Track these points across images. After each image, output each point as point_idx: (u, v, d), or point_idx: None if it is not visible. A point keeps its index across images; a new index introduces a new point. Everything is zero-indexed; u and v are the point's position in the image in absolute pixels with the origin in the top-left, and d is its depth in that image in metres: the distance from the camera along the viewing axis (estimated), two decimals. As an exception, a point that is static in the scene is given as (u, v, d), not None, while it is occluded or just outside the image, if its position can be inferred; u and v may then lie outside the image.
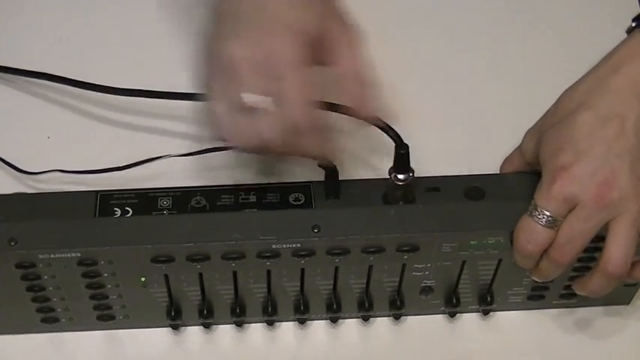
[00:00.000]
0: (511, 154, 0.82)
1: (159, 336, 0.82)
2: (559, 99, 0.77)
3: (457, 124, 0.92)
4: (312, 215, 0.74)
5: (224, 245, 0.73)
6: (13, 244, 0.72)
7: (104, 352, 0.81)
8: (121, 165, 0.83)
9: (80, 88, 0.88)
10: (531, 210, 0.72)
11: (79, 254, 0.73)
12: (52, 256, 0.73)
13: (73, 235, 0.73)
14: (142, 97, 0.85)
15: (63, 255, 0.73)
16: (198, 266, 0.74)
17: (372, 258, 0.75)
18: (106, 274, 0.75)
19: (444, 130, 0.92)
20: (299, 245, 0.73)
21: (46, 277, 0.75)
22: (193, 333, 0.82)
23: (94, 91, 0.87)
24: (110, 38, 0.99)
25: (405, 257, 0.75)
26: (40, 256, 0.73)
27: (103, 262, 0.74)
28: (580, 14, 1.01)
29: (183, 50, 0.97)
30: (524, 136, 0.80)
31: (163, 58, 0.96)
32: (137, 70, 0.94)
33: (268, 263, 0.74)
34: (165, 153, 0.81)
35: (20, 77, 0.93)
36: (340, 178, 0.78)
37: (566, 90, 0.76)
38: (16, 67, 0.92)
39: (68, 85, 0.88)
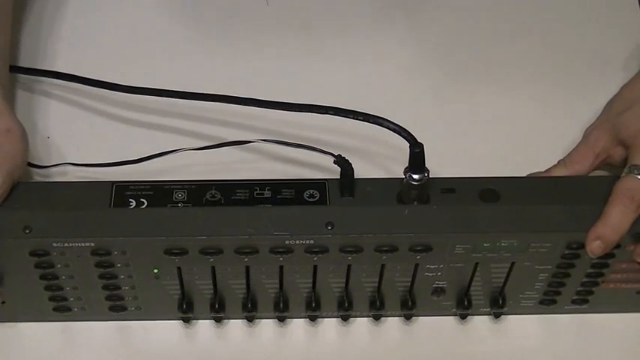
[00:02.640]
0: (572, 156, 0.84)
1: (170, 328, 0.82)
2: (619, 94, 0.85)
3: (473, 126, 0.92)
4: (326, 212, 0.74)
5: (237, 239, 0.73)
6: (27, 231, 0.73)
7: (115, 342, 0.82)
8: (131, 158, 0.82)
9: (94, 86, 0.88)
10: (630, 171, 0.77)
11: (92, 244, 0.73)
12: (66, 245, 0.73)
13: (87, 225, 0.73)
14: (154, 95, 0.85)
15: (77, 244, 0.73)
16: (211, 260, 0.75)
17: (384, 257, 0.75)
18: (119, 265, 0.75)
19: (460, 132, 0.92)
20: (312, 242, 0.73)
21: (59, 265, 0.75)
22: (204, 326, 0.82)
23: (107, 89, 0.87)
24: (119, 36, 0.99)
25: (418, 257, 0.75)
26: (55, 245, 0.73)
27: (116, 253, 0.74)
28: (590, 20, 1.01)
29: (197, 50, 0.98)
30: (590, 134, 0.85)
31: (175, 57, 0.97)
32: (146, 69, 0.95)
33: (281, 259, 0.75)
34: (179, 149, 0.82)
35: (29, 77, 0.93)
36: (355, 177, 0.78)
37: (624, 87, 0.86)
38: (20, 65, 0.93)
39: (80, 83, 0.89)
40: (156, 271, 0.76)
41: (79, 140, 0.90)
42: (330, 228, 0.73)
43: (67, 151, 0.88)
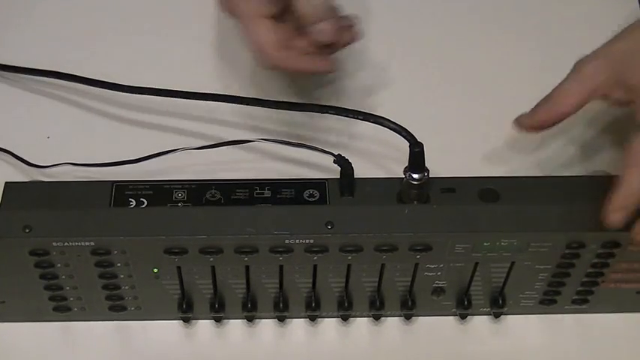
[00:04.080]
0: (561, 90, 0.78)
1: (170, 328, 0.82)
2: (628, 32, 0.77)
3: (474, 125, 0.92)
4: (326, 212, 0.74)
5: (237, 239, 0.73)
6: (27, 231, 0.72)
7: (115, 342, 0.82)
8: (131, 158, 0.83)
9: (92, 85, 0.88)
10: None
11: (92, 243, 0.73)
12: (66, 244, 0.73)
13: (87, 224, 0.73)
14: (154, 95, 0.85)
15: (77, 243, 0.73)
16: (211, 259, 0.75)
17: (384, 257, 0.75)
18: (119, 264, 0.75)
19: (460, 132, 0.92)
20: (312, 241, 0.73)
21: (59, 265, 0.75)
22: (204, 326, 0.82)
23: (107, 89, 0.87)
24: (119, 36, 1.00)
25: (418, 257, 0.75)
26: (54, 244, 0.73)
27: (116, 252, 0.74)
28: (590, 20, 1.02)
29: (197, 50, 0.98)
30: (584, 67, 0.78)
31: (175, 57, 0.97)
32: (147, 69, 0.95)
33: (281, 258, 0.75)
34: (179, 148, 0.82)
35: (29, 76, 0.93)
36: (355, 177, 0.78)
37: (636, 26, 0.77)
38: (20, 65, 0.93)
39: (80, 82, 0.89)
40: (156, 270, 0.76)
41: (79, 140, 0.90)
42: (329, 227, 0.73)
43: (67, 151, 0.87)
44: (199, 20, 1.00)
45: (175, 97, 0.83)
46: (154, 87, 0.84)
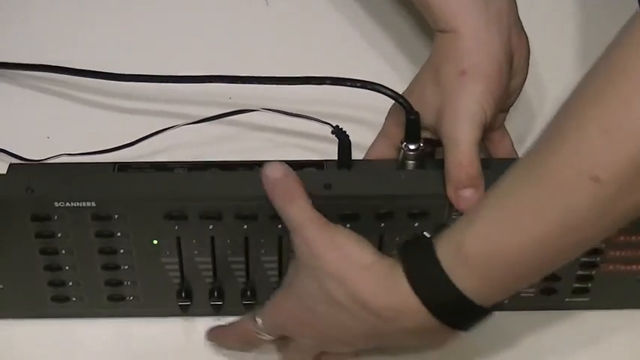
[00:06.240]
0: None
1: (170, 328, 0.82)
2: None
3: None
4: (325, 175, 0.76)
5: (237, 204, 0.74)
6: (30, 192, 0.73)
7: (115, 342, 0.81)
8: (130, 141, 0.83)
9: (80, 76, 0.88)
10: None
11: (94, 204, 0.74)
12: (67, 204, 0.73)
13: (89, 186, 0.74)
14: (148, 82, 0.85)
15: (78, 204, 0.74)
16: (210, 227, 0.75)
17: (383, 225, 0.75)
18: (119, 234, 0.75)
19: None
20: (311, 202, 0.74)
21: (59, 235, 0.75)
22: (204, 324, 0.81)
23: (100, 79, 0.87)
24: (119, 31, 1.01)
25: (416, 224, 0.75)
26: (56, 204, 0.73)
27: (117, 216, 0.74)
28: (589, 20, 1.03)
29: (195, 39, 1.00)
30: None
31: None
32: (138, 57, 0.94)
33: (280, 226, 0.75)
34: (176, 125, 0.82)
35: (19, 72, 0.94)
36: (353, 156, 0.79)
37: None
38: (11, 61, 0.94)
39: (68, 74, 0.89)
40: (155, 242, 0.76)
41: (75, 133, 0.91)
42: (327, 189, 0.74)
43: (63, 145, 0.87)
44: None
45: (169, 82, 0.84)
46: (146, 74, 0.84)
